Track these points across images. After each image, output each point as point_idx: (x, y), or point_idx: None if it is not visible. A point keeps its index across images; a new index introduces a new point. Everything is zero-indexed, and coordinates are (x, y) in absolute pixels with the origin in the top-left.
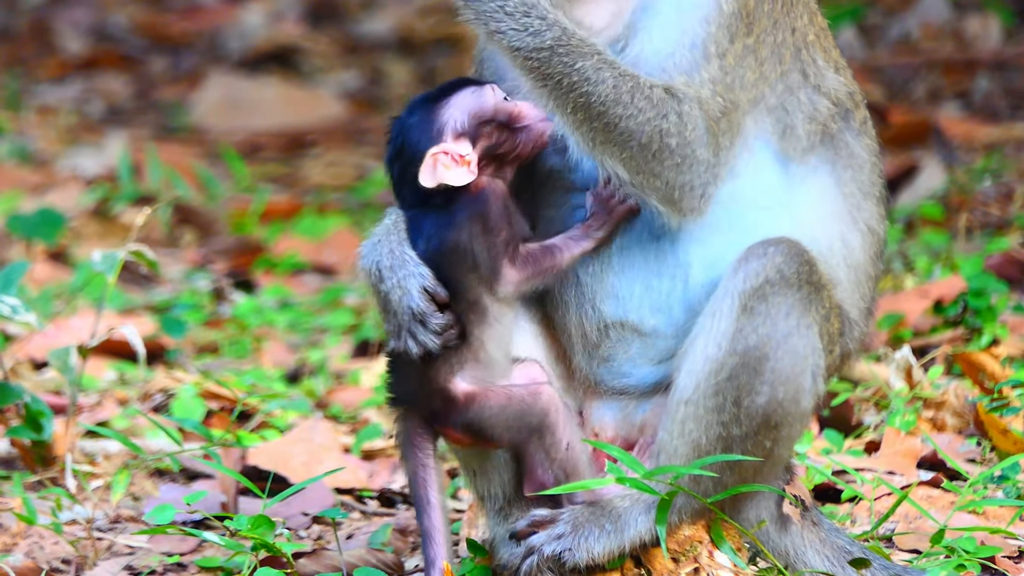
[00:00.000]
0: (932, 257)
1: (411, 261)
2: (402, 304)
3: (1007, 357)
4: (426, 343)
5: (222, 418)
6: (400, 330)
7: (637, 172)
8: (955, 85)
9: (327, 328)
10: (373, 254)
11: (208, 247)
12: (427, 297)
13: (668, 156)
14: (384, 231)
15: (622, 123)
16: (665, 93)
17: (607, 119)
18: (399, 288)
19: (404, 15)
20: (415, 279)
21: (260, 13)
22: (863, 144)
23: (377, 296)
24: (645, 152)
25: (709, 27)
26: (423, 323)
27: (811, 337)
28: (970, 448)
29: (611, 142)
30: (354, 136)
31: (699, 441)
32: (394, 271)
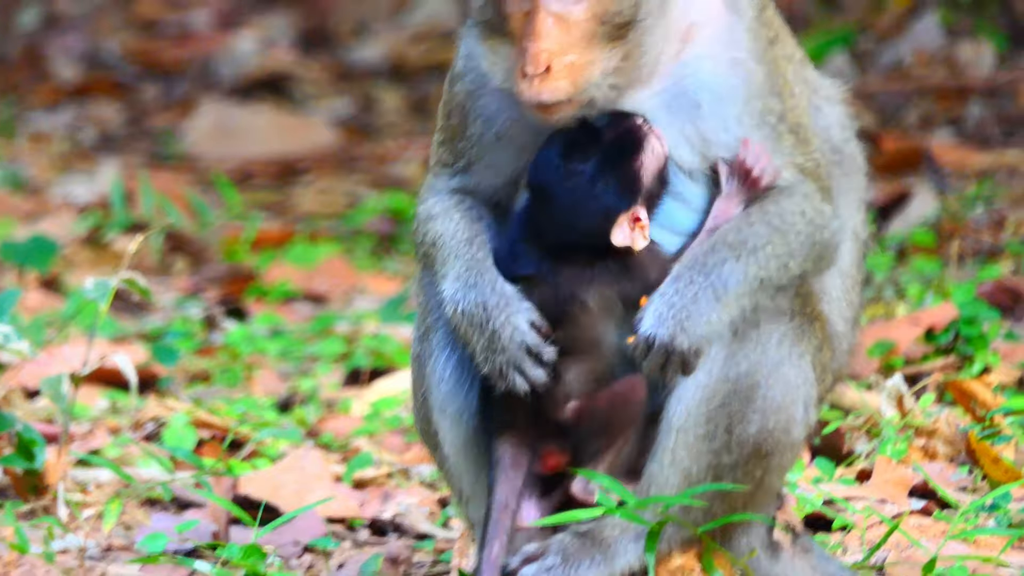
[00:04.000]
0: (924, 284)
1: (515, 297)
2: (514, 340)
3: (999, 385)
4: (536, 378)
5: (213, 447)
6: (508, 367)
7: (817, 272)
8: (947, 112)
9: (318, 356)
10: (472, 294)
11: (200, 275)
12: (536, 331)
13: (829, 250)
14: (470, 272)
15: (801, 263)
16: (798, 211)
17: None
18: (509, 324)
19: (396, 42)
20: (523, 314)
21: (252, 40)
22: (853, 145)
23: (482, 335)
24: (820, 263)
25: (764, 101)
26: (535, 356)
27: (803, 367)
28: (962, 477)
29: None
30: (346, 163)
31: (689, 470)
32: (500, 308)
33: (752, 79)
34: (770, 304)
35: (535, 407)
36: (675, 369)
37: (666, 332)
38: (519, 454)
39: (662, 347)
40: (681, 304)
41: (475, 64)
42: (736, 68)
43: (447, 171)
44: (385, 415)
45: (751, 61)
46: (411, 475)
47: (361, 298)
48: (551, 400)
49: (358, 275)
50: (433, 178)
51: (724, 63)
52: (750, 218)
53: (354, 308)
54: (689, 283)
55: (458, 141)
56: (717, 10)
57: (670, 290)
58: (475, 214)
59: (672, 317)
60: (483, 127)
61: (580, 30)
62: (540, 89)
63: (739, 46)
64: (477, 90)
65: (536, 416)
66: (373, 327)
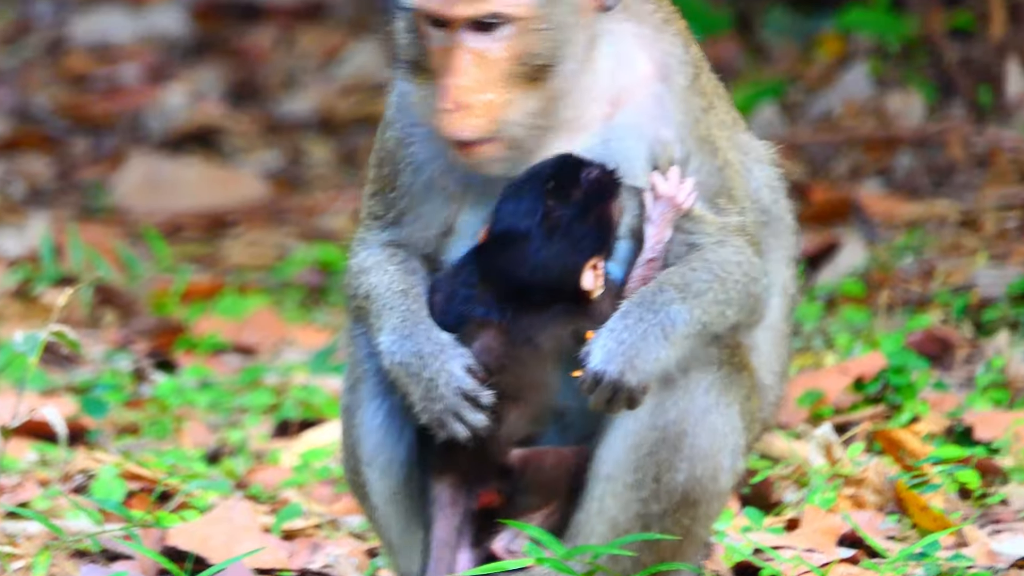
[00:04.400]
0: (853, 334)
1: (450, 344)
2: (450, 386)
3: (927, 434)
4: (475, 423)
5: (142, 499)
6: (446, 415)
7: (748, 326)
8: (877, 162)
9: (247, 408)
10: (407, 345)
11: (129, 327)
12: (472, 375)
13: (760, 303)
14: (405, 323)
15: (737, 313)
16: (735, 261)
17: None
18: (444, 371)
19: (325, 95)
20: (458, 360)
21: (181, 93)
22: (782, 205)
23: (418, 384)
24: (752, 315)
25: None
26: (473, 401)
27: (731, 416)
28: (890, 525)
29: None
30: (275, 216)
31: (617, 519)
32: (436, 356)
33: (678, 155)
34: (701, 352)
35: (477, 449)
36: (621, 405)
37: (615, 368)
38: (457, 493)
39: (610, 383)
40: (631, 341)
41: (405, 110)
42: (663, 147)
43: (378, 224)
44: (314, 466)
45: (680, 139)
46: (340, 526)
47: (290, 350)
48: (493, 442)
49: (287, 327)
50: (364, 231)
51: (649, 140)
52: (692, 264)
53: (283, 360)
54: (638, 320)
55: (388, 192)
56: (648, 78)
57: (619, 326)
58: (409, 267)
59: (622, 353)
60: (413, 176)
61: (499, 69)
62: (458, 125)
63: (668, 120)
64: (407, 138)
65: (477, 458)
66: (302, 379)
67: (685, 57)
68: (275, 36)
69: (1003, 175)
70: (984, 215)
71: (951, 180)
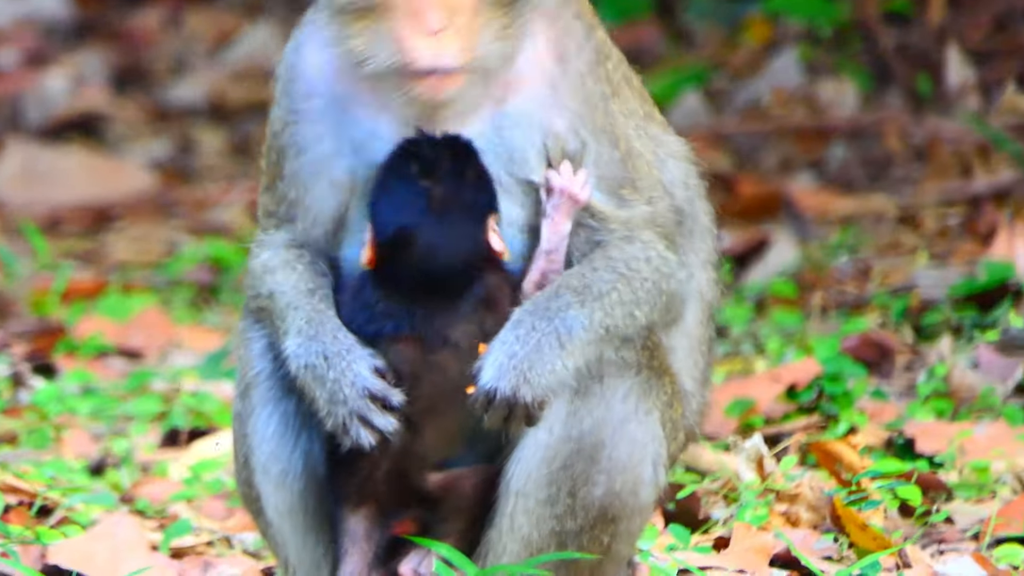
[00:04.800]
0: (784, 338)
1: (357, 344)
2: (355, 387)
3: (865, 447)
4: (383, 427)
5: (20, 513)
6: (351, 419)
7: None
8: (808, 154)
9: (133, 416)
10: (312, 347)
11: (5, 329)
12: (380, 376)
13: (676, 300)
14: (311, 324)
15: (648, 314)
16: (643, 257)
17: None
18: (349, 371)
19: (215, 80)
20: (365, 360)
21: (62, 78)
22: (698, 205)
23: (323, 387)
24: (667, 314)
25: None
26: (383, 402)
27: (651, 424)
28: (827, 545)
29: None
30: (163, 209)
31: (530, 537)
32: (341, 356)
33: (572, 147)
34: (615, 357)
35: (394, 473)
36: (518, 423)
37: (507, 384)
38: (372, 526)
39: (504, 400)
40: (523, 353)
41: (294, 83)
42: (555, 140)
43: (273, 222)
44: (205, 479)
45: (574, 129)
46: (233, 543)
47: (179, 353)
48: (411, 464)
49: (176, 328)
50: (262, 233)
51: (542, 131)
52: (594, 263)
53: (172, 364)
54: (531, 330)
55: (279, 181)
56: (544, 62)
57: (510, 337)
58: (317, 268)
59: (513, 368)
60: (296, 159)
61: None
62: (439, 52)
63: (562, 108)
64: (291, 116)
65: (395, 485)
66: (192, 384)
67: (585, 41)
68: (162, 17)
69: (943, 168)
70: (924, 211)
71: (888, 174)
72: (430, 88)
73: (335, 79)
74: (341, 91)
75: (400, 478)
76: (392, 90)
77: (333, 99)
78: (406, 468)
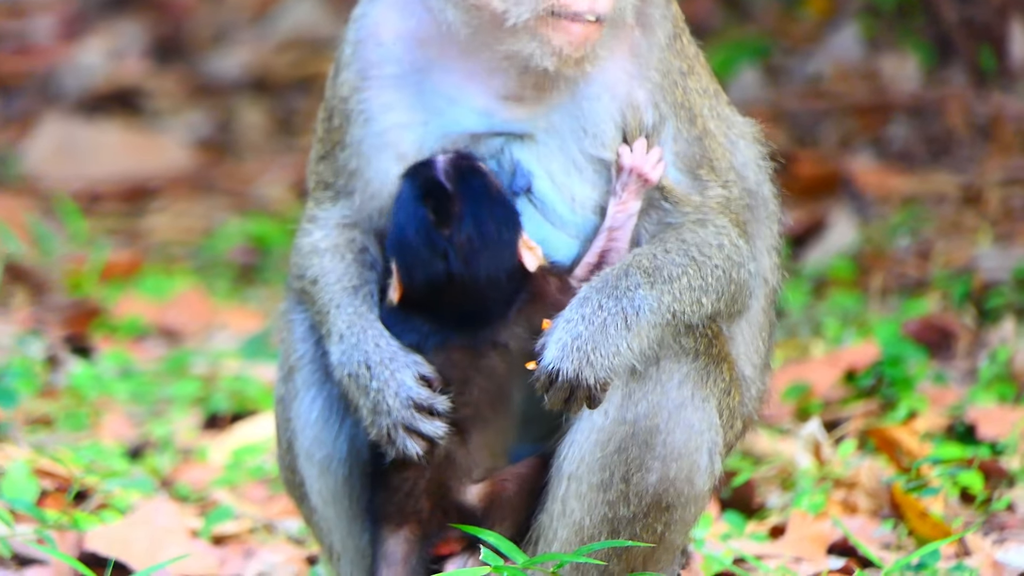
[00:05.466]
0: (843, 321)
1: (401, 351)
2: (399, 397)
3: (926, 432)
4: (433, 433)
5: (57, 498)
6: (396, 430)
7: (730, 315)
8: (868, 131)
9: (173, 399)
10: (355, 355)
11: (41, 309)
12: (425, 385)
13: (744, 292)
14: (352, 329)
15: (715, 302)
16: (715, 244)
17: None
18: (393, 381)
19: (259, 52)
20: (409, 368)
21: (99, 51)
22: (768, 188)
23: (366, 397)
24: (733, 305)
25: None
26: (429, 411)
27: (707, 411)
28: (885, 533)
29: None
30: (202, 186)
31: (582, 523)
32: (384, 365)
33: (650, 120)
34: (672, 342)
35: (436, 486)
36: (580, 404)
37: (571, 365)
38: (411, 548)
39: (566, 382)
40: (588, 333)
41: (366, 46)
42: (634, 112)
43: (329, 195)
44: (247, 464)
45: (654, 102)
46: (276, 530)
47: (220, 334)
48: (453, 474)
49: (217, 309)
50: (315, 206)
51: (621, 103)
52: (666, 244)
53: (212, 345)
54: (597, 308)
55: (339, 151)
56: (630, 29)
57: (576, 315)
58: (366, 260)
59: (577, 348)
60: (363, 128)
61: None
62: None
63: (644, 79)
64: (363, 82)
65: (436, 498)
66: (234, 367)
67: (667, 11)
68: None
69: (1007, 146)
70: (987, 190)
71: (950, 151)
72: (574, 38)
73: (415, 45)
74: (422, 57)
75: (443, 492)
76: (508, 50)
77: (412, 66)
78: (449, 481)
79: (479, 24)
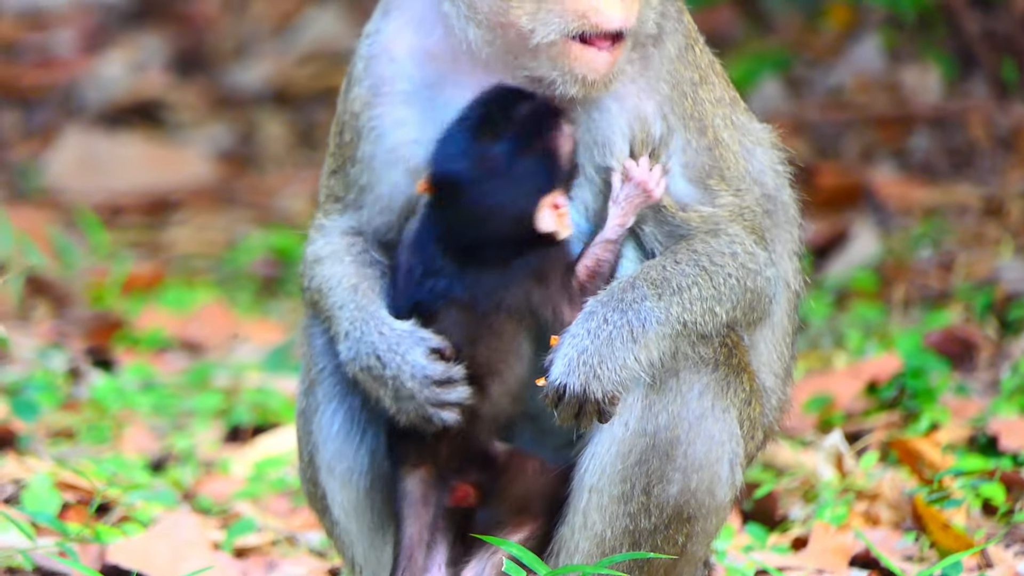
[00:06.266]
0: (865, 332)
1: (406, 332)
2: (416, 377)
3: (948, 444)
4: (458, 398)
5: (79, 511)
6: (423, 408)
7: (749, 324)
8: (890, 143)
9: (195, 412)
10: (362, 348)
11: (63, 321)
12: (437, 357)
13: (762, 299)
14: (355, 324)
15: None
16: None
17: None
18: (406, 364)
19: (280, 65)
20: (418, 346)
21: (121, 63)
22: (787, 193)
23: (384, 387)
24: (751, 313)
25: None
26: (447, 383)
27: (728, 422)
28: (907, 545)
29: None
30: (225, 198)
31: (603, 535)
32: (393, 351)
33: (658, 132)
34: (691, 353)
35: (462, 438)
36: (590, 419)
37: (577, 380)
38: (429, 489)
39: (574, 396)
40: (594, 348)
41: (377, 63)
42: (642, 124)
43: (337, 207)
44: (269, 476)
45: (663, 114)
46: (298, 543)
47: (242, 347)
48: (478, 423)
49: (239, 321)
50: (323, 217)
51: (629, 115)
52: (676, 255)
53: (234, 358)
54: (603, 323)
55: (350, 166)
56: (642, 39)
57: (581, 331)
58: (366, 258)
59: (583, 363)
60: (375, 144)
61: None
62: (628, 9)
63: (653, 91)
64: (374, 98)
65: (459, 443)
66: (256, 379)
67: (678, 23)
68: (224, 0)
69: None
70: (1009, 202)
71: (972, 163)
72: (599, 65)
73: (428, 60)
74: (434, 72)
75: (467, 441)
76: (531, 72)
77: (424, 81)
78: (471, 427)
79: (503, 43)
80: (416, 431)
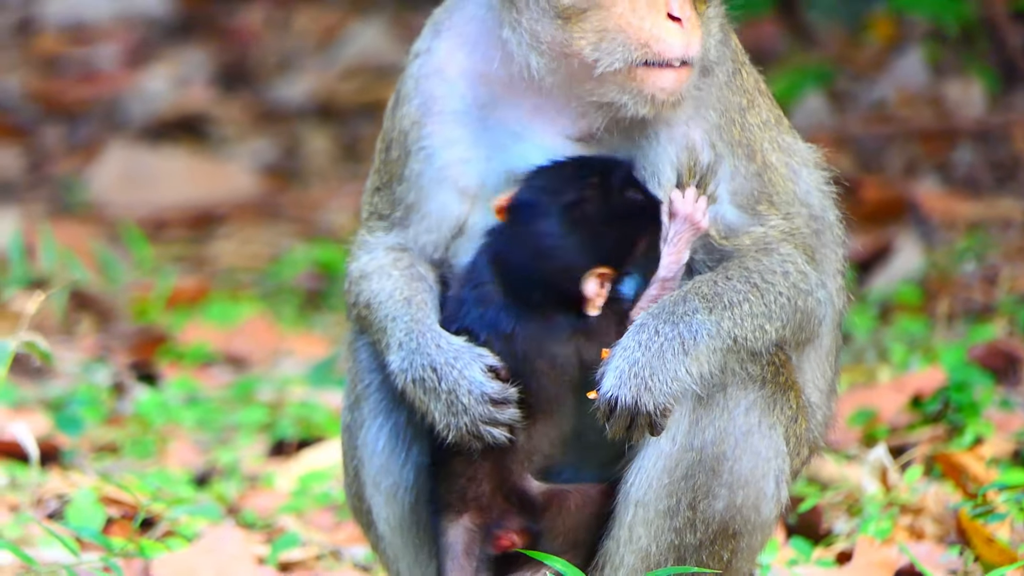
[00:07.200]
0: (909, 347)
1: (464, 348)
2: (472, 393)
3: (992, 458)
4: (510, 419)
5: (123, 526)
6: (475, 426)
7: (798, 344)
8: (934, 157)
9: (239, 426)
10: (418, 359)
11: (107, 336)
12: (493, 376)
13: (812, 319)
14: (410, 336)
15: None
16: (780, 271)
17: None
18: (464, 379)
19: (324, 79)
20: (476, 363)
21: (164, 78)
22: (832, 213)
23: (438, 399)
24: (801, 332)
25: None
26: (502, 403)
27: (774, 438)
28: (952, 559)
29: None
30: (269, 212)
31: (648, 549)
32: (451, 365)
33: (706, 160)
34: (739, 370)
35: (497, 472)
36: (641, 431)
37: (629, 393)
38: (472, 539)
39: (625, 409)
40: (645, 360)
41: (428, 82)
42: (690, 153)
43: (382, 224)
44: (313, 491)
45: (711, 142)
46: (343, 557)
47: (287, 361)
48: (515, 463)
49: (283, 336)
50: (367, 233)
51: (679, 144)
52: (728, 272)
53: (279, 372)
54: (654, 335)
55: (396, 183)
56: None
57: (632, 343)
58: (415, 272)
59: (635, 375)
60: (424, 163)
61: None
62: (689, 41)
63: (702, 120)
64: (425, 117)
65: (498, 488)
66: (300, 393)
67: (725, 48)
68: (268, 14)
69: None
70: None
71: (1016, 176)
72: (669, 85)
73: (481, 82)
74: (486, 93)
75: (504, 476)
76: (598, 98)
77: (476, 101)
78: (509, 467)
79: (567, 72)
80: (456, 477)
